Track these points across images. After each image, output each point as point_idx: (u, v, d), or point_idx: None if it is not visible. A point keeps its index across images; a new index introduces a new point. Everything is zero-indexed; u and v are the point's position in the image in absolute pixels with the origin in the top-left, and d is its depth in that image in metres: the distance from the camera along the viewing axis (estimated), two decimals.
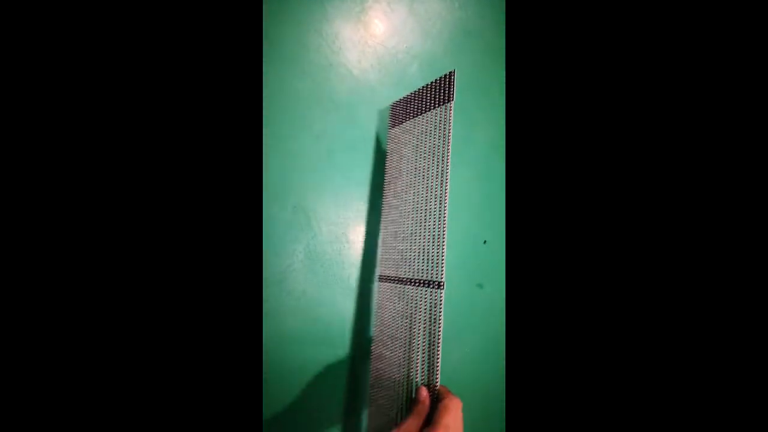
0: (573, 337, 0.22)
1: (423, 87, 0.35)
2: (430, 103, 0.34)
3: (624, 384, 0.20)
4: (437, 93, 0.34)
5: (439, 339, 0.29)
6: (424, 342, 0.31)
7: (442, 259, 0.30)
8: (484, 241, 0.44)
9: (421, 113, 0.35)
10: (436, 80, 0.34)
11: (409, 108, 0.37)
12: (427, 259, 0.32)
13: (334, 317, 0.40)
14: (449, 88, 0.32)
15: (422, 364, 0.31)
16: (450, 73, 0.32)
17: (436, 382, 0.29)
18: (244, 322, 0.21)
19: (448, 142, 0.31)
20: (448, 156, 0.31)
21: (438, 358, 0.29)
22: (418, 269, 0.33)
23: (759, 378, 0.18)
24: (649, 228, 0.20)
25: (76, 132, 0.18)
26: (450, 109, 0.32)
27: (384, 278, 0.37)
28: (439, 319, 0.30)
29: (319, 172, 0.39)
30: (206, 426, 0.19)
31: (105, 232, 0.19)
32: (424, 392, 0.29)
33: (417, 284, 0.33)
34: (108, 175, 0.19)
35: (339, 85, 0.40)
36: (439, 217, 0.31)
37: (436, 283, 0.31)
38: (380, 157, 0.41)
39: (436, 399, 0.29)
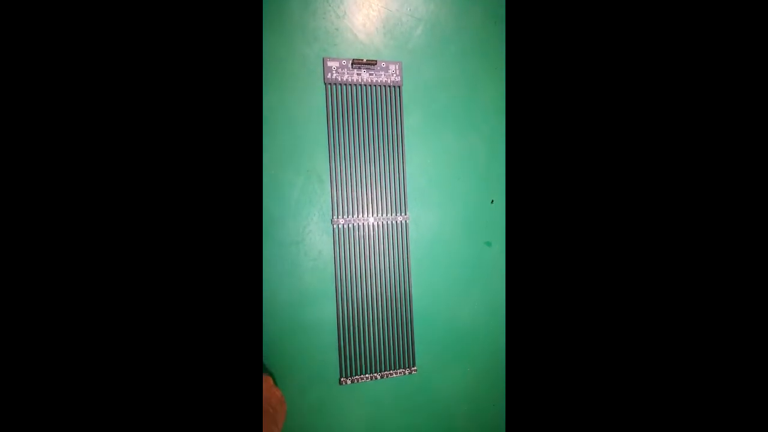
0: (572, 299, 0.21)
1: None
2: None
3: (626, 373, 0.20)
4: None
5: None
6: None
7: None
8: (491, 201, 0.45)
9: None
10: None
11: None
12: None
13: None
14: None
15: None
16: None
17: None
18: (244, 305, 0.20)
19: None
20: None
21: None
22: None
23: (759, 378, 0.18)
24: (653, 211, 0.20)
25: (76, 135, 0.19)
26: None
27: None
28: None
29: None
30: (206, 406, 0.19)
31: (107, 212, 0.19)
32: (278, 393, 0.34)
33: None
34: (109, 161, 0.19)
35: (346, 49, 0.41)
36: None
37: None
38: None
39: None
